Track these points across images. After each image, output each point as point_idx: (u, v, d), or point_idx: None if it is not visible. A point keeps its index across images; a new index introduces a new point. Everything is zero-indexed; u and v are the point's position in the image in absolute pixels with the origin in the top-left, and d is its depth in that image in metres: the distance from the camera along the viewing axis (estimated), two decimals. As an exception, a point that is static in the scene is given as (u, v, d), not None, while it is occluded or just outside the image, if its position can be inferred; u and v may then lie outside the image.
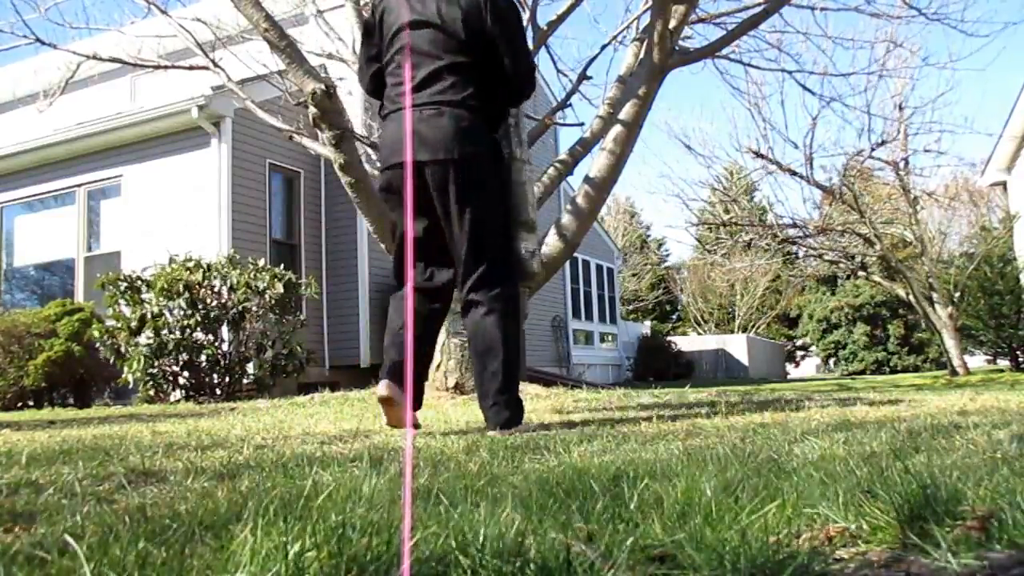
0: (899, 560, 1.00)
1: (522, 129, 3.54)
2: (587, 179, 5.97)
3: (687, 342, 25.26)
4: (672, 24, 5.49)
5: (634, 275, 34.05)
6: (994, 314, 15.95)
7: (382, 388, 2.84)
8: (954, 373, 15.14)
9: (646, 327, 26.01)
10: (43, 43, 7.46)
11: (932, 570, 0.96)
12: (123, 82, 12.53)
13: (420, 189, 2.90)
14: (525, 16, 7.31)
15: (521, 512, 1.21)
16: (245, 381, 8.22)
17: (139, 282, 7.87)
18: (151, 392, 7.77)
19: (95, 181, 10.63)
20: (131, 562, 0.94)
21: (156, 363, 7.70)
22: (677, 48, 5.84)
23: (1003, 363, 18.47)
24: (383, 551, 0.93)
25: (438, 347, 6.25)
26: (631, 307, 32.96)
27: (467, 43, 2.92)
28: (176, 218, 9.78)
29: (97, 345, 8.00)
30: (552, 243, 5.99)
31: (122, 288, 7.79)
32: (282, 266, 8.45)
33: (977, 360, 23.49)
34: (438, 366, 6.23)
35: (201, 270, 7.79)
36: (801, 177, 15.63)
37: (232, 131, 9.63)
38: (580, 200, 5.95)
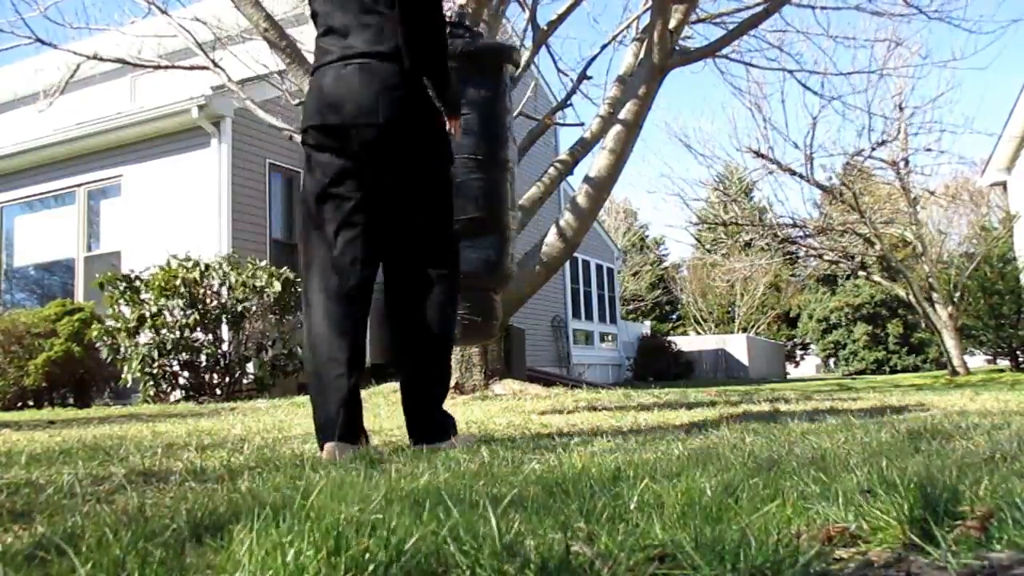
0: (899, 560, 1.00)
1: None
2: (587, 179, 5.98)
3: (687, 342, 25.25)
4: (672, 24, 5.50)
5: (634, 275, 34.05)
6: (994, 314, 15.95)
7: (332, 451, 2.24)
8: (954, 373, 15.14)
9: (646, 327, 26.00)
10: (43, 43, 7.47)
11: (932, 570, 0.96)
12: (123, 82, 12.53)
13: (355, 158, 2.45)
14: (525, 16, 7.33)
15: (521, 512, 1.21)
16: (245, 381, 8.22)
17: (138, 282, 7.87)
18: (151, 392, 7.77)
19: (95, 181, 10.63)
20: (131, 562, 0.94)
21: (155, 363, 7.70)
22: (677, 48, 5.84)
23: (1003, 363, 18.47)
24: (382, 551, 0.93)
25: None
26: (631, 307, 32.97)
27: None
28: (176, 218, 9.78)
29: (97, 345, 8.00)
30: (552, 243, 6.00)
31: (121, 288, 7.79)
32: (283, 267, 8.45)
33: (977, 360, 23.48)
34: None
35: (198, 269, 7.79)
36: (801, 177, 15.64)
37: (232, 131, 9.63)
38: (580, 200, 5.95)
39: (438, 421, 2.48)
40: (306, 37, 7.18)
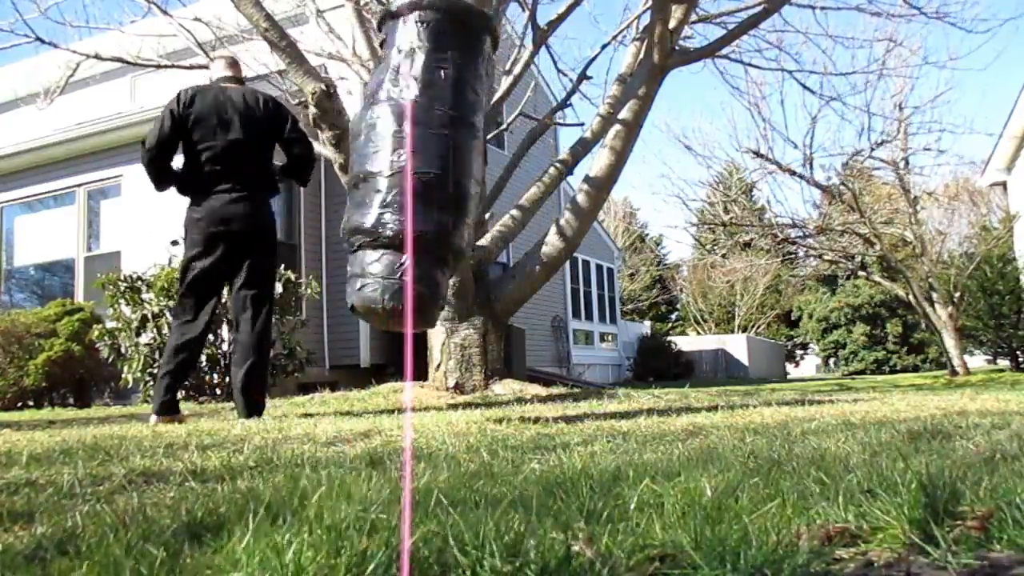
0: (899, 560, 1.00)
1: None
2: (587, 179, 5.98)
3: (687, 342, 25.24)
4: (672, 24, 5.50)
5: (631, 276, 34.03)
6: (994, 314, 15.95)
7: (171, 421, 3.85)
8: (954, 373, 15.14)
9: (646, 327, 26.00)
10: (43, 42, 7.46)
11: (932, 570, 0.96)
12: (123, 82, 12.52)
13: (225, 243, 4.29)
14: (525, 16, 7.33)
15: (521, 512, 1.21)
16: (245, 381, 8.20)
17: (139, 282, 7.87)
18: (151, 392, 7.76)
19: (95, 181, 10.62)
20: (131, 562, 0.94)
21: (156, 363, 7.69)
22: (677, 48, 5.84)
23: (1003, 363, 18.46)
24: (381, 551, 0.93)
25: (438, 347, 6.25)
26: (630, 307, 32.95)
27: (270, 145, 4.35)
28: (176, 218, 9.76)
29: (97, 345, 8.00)
30: (552, 243, 6.00)
31: (122, 288, 7.78)
32: (283, 266, 8.44)
33: (977, 360, 23.47)
34: (438, 366, 6.23)
35: (201, 270, 7.77)
36: (801, 177, 15.64)
37: (232, 131, 9.62)
38: (580, 199, 5.95)
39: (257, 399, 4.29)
40: (306, 37, 7.18)
